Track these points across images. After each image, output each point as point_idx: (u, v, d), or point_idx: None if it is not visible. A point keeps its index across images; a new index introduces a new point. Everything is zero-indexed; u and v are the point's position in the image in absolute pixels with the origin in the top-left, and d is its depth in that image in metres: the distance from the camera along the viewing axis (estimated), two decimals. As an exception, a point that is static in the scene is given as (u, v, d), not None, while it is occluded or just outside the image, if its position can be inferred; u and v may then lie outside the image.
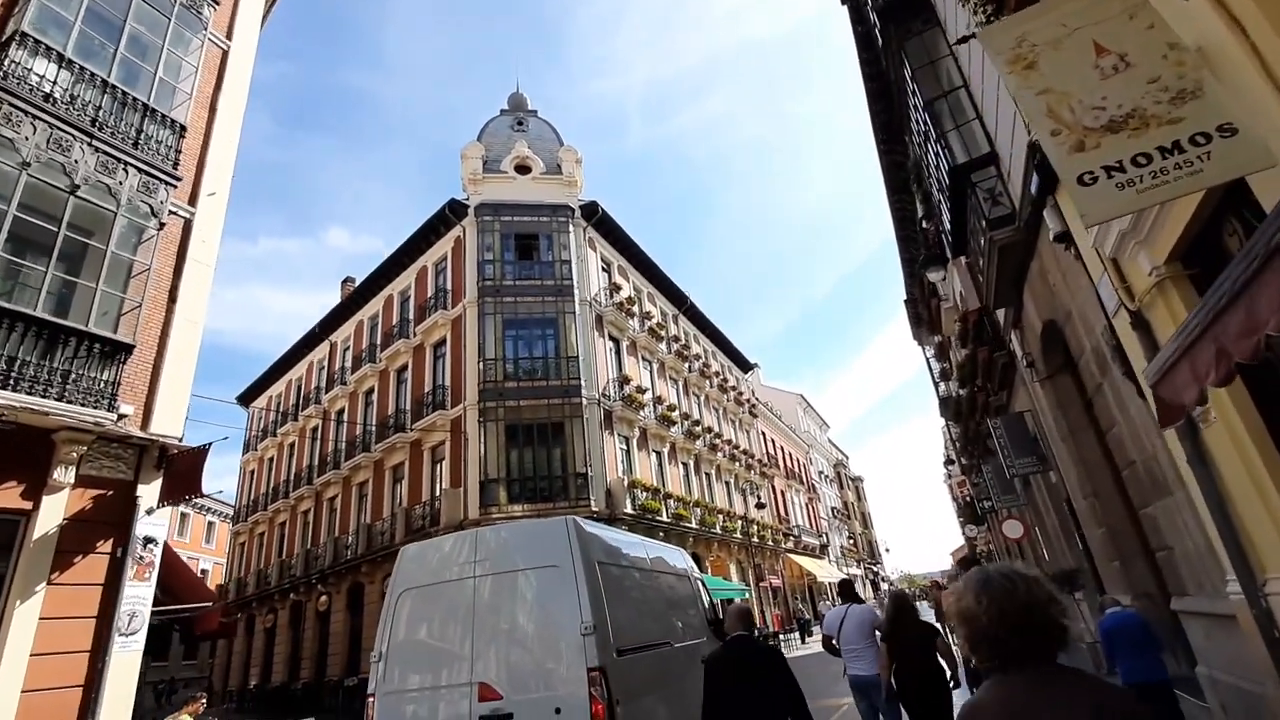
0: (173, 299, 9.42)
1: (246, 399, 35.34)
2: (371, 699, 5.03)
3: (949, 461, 36.28)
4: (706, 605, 8.33)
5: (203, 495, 8.74)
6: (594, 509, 18.63)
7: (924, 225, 13.43)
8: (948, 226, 9.80)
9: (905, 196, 19.61)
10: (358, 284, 27.28)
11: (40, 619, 7.18)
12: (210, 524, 45.65)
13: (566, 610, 4.72)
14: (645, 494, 21.20)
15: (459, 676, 4.76)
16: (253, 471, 33.49)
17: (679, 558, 8.48)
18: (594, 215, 23.49)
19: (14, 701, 6.78)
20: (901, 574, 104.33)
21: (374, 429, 23.61)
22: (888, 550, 72.10)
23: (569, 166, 23.96)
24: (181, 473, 8.38)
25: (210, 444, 8.52)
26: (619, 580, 5.65)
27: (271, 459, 31.52)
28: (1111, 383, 5.98)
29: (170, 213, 9.51)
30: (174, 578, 10.52)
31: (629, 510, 19.80)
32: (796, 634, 26.32)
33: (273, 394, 33.35)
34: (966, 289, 13.24)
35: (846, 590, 6.55)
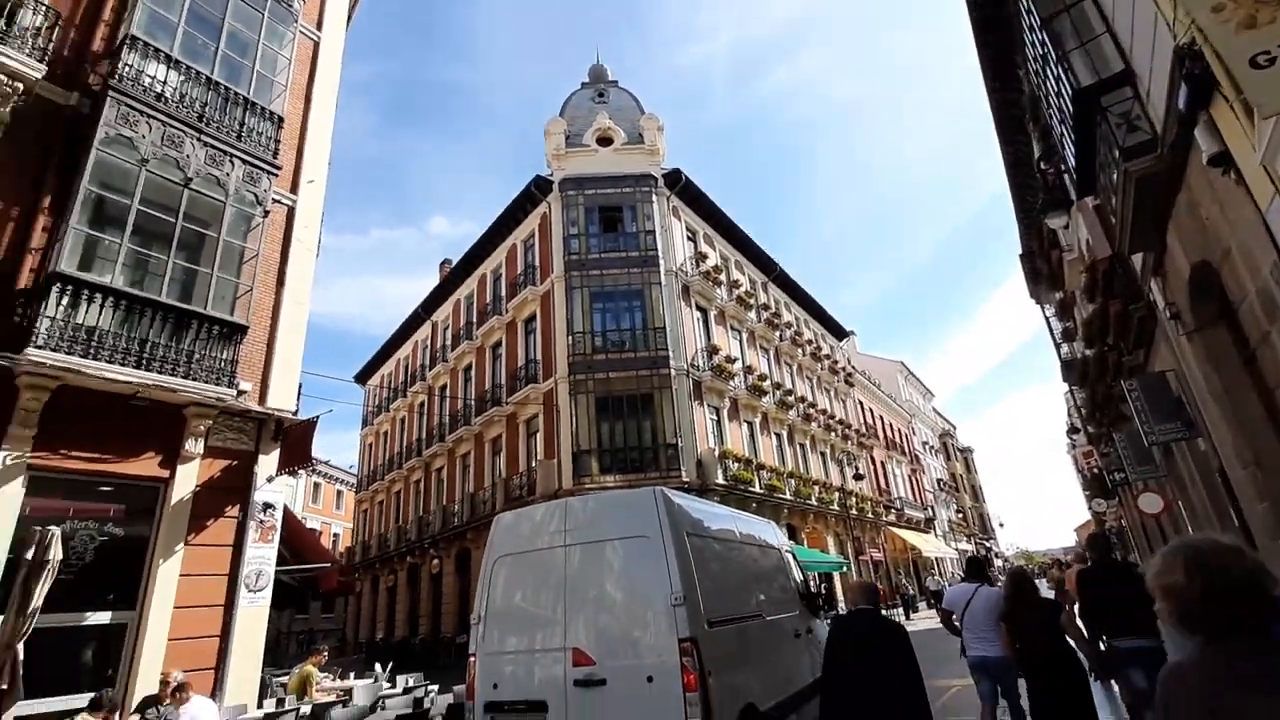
0: (280, 282, 10.05)
1: (363, 378, 38.02)
2: (473, 658, 5.20)
3: (1073, 430, 33.24)
4: (798, 579, 8.04)
5: (312, 464, 9.37)
6: (685, 480, 18.55)
7: (1042, 167, 12.03)
8: (1071, 163, 8.68)
9: (1019, 139, 17.77)
10: (453, 265, 28.36)
11: (180, 575, 7.98)
12: (339, 492, 49.89)
13: (656, 581, 4.70)
14: (737, 465, 20.88)
15: (553, 641, 4.85)
16: (371, 445, 36.13)
17: (769, 530, 8.28)
18: (677, 183, 23.01)
19: (162, 648, 7.59)
20: (1018, 550, 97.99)
21: (473, 403, 24.66)
22: (1001, 525, 67.79)
23: (650, 135, 23.54)
24: (294, 443, 8.99)
25: (318, 417, 9.08)
26: (707, 552, 5.56)
27: (386, 433, 33.83)
28: (1284, 331, 5.01)
29: (274, 200, 10.10)
30: (297, 540, 11.45)
31: (720, 481, 19.56)
32: (901, 610, 25.26)
33: (384, 372, 35.65)
34: (1094, 235, 11.81)
35: (975, 568, 6.24)
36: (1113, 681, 5.22)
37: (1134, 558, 25.19)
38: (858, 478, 28.25)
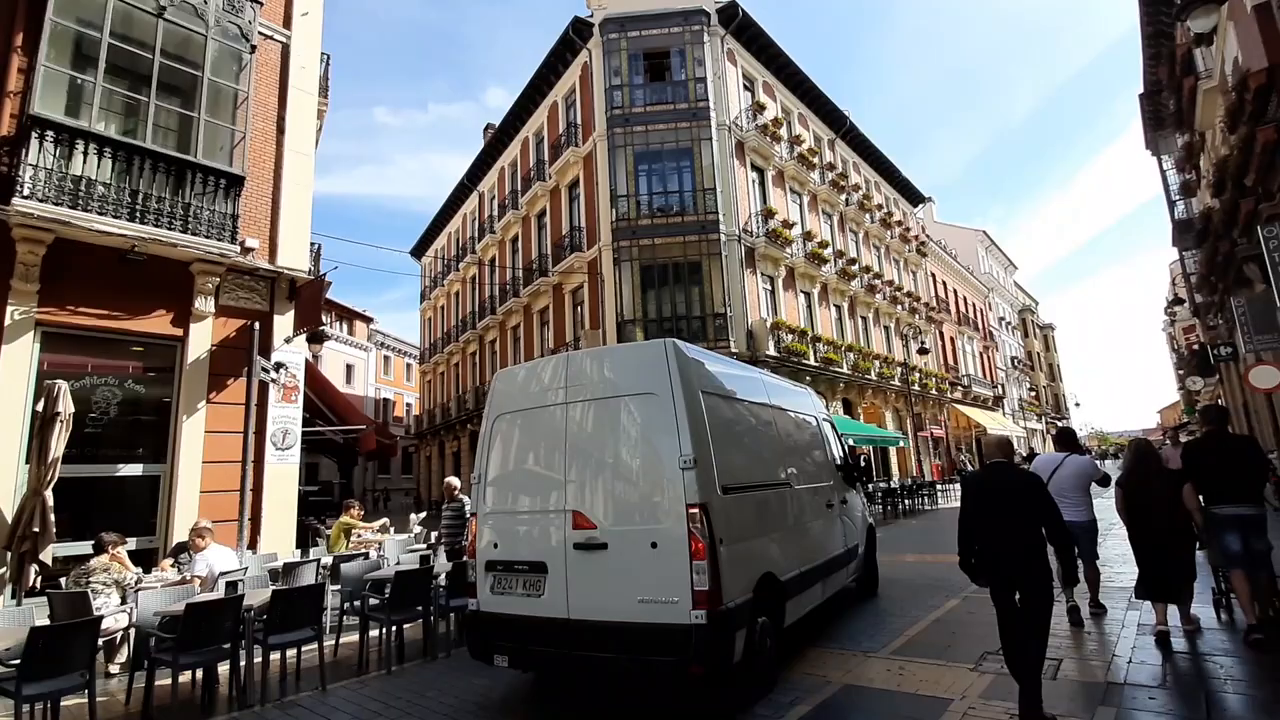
0: (281, 129, 9.28)
1: (418, 252, 38.11)
2: (473, 518, 5.06)
3: (1176, 302, 30.04)
4: (836, 450, 7.37)
5: (322, 326, 9.06)
6: (734, 350, 17.77)
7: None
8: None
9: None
10: (495, 130, 26.84)
11: (206, 432, 8.01)
12: (409, 365, 52.26)
13: (665, 441, 4.30)
14: (791, 336, 19.83)
15: (553, 503, 4.61)
16: (430, 318, 36.90)
17: (806, 398, 7.60)
18: (733, 20, 20.19)
19: (195, 499, 7.77)
20: (1092, 430, 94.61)
21: (520, 274, 24.16)
22: (1077, 405, 64.82)
23: (704, -39, 20.41)
24: (305, 303, 8.63)
25: (325, 275, 8.62)
26: (727, 413, 5.10)
27: (443, 307, 34.29)
28: None
29: (263, 35, 9.10)
30: (335, 403, 11.59)
31: (772, 353, 18.69)
32: (956, 485, 24.63)
33: (437, 246, 35.51)
34: (1248, 45, 9.42)
35: (1066, 437, 6.54)
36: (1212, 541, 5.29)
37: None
38: (922, 352, 26.70)
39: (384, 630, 5.74)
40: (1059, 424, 51.82)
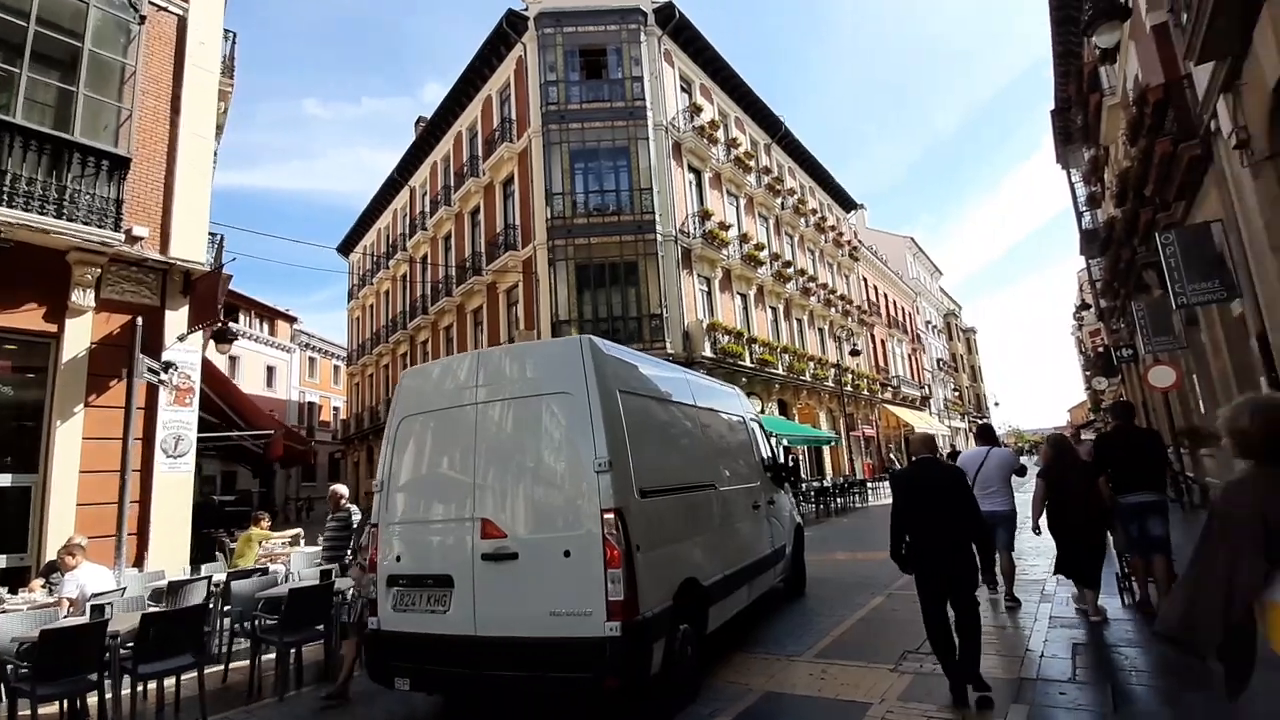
0: (176, 109, 8.52)
1: (345, 249, 36.49)
2: (373, 528, 4.69)
3: (1083, 307, 32.03)
4: (764, 450, 7.32)
5: (222, 322, 8.39)
6: (669, 351, 17.69)
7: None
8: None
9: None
10: (426, 122, 25.95)
11: (84, 439, 7.23)
12: (336, 367, 50.02)
13: (579, 444, 4.09)
14: (727, 338, 19.95)
15: (461, 511, 4.31)
16: (358, 318, 35.39)
17: (733, 398, 7.52)
18: (670, 20, 20.17)
19: (71, 513, 6.99)
20: (1010, 429, 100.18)
21: (453, 273, 23.42)
22: (996, 404, 68.50)
23: (641, -40, 20.31)
24: (201, 297, 7.94)
25: (222, 266, 7.94)
26: (648, 413, 4.92)
27: (371, 306, 32.93)
28: None
29: (156, 6, 8.35)
30: (242, 407, 10.78)
31: (708, 354, 18.73)
32: (886, 483, 25.33)
33: (366, 243, 34.10)
34: (1147, 63, 9.96)
35: (986, 433, 7.01)
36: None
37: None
38: (854, 354, 27.45)
39: (279, 653, 5.26)
40: (979, 422, 54.64)
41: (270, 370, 42.37)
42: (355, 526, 7.02)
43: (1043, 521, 5.83)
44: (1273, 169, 5.96)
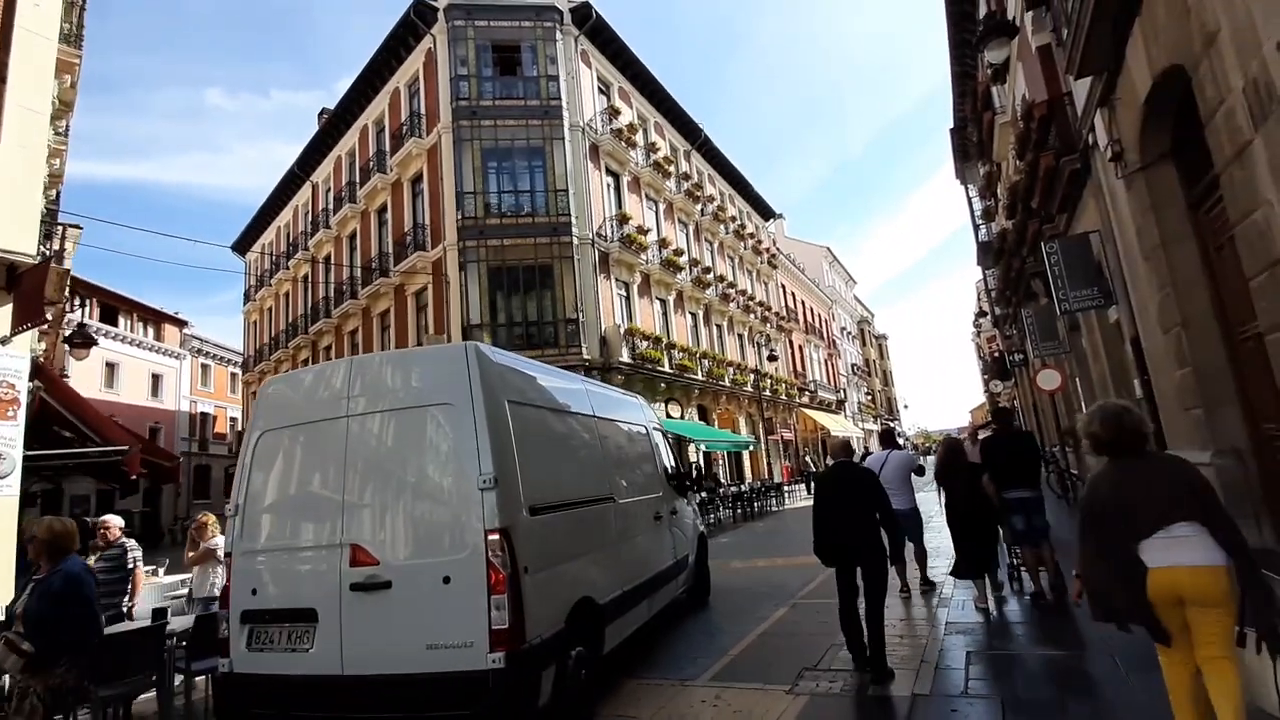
0: (1, 78, 7.36)
1: (242, 247, 33.93)
2: (227, 558, 4.22)
3: (980, 315, 34.06)
4: (667, 459, 7.13)
5: (45, 322, 7.31)
6: (585, 358, 17.28)
7: (989, -15, 10.29)
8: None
9: (965, -17, 15.89)
10: (330, 115, 24.45)
11: None
12: (234, 374, 46.48)
13: (463, 459, 3.77)
14: (645, 343, 19.74)
15: (328, 536, 3.89)
16: (255, 321, 32.96)
17: (635, 407, 7.27)
18: (586, 20, 19.85)
19: None
20: (919, 430, 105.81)
21: (359, 274, 22.09)
22: (906, 407, 72.10)
23: (557, -43, 19.90)
24: (27, 295, 6.85)
25: (52, 259, 6.89)
26: (541, 424, 4.67)
27: (270, 309, 30.73)
28: (1270, 138, 3.80)
29: (-30, -44, 7.19)
30: (87, 418, 9.52)
31: (625, 360, 18.45)
32: (802, 486, 25.91)
33: (264, 242, 31.82)
34: (1033, 81, 10.44)
35: (888, 437, 7.69)
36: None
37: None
38: (771, 359, 27.95)
39: (99, 710, 4.46)
40: (891, 426, 57.27)
41: (156, 378, 38.86)
42: (131, 567, 6.01)
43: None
44: (1144, 180, 6.22)
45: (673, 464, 7.33)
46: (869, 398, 56.88)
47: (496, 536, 3.55)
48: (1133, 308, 7.60)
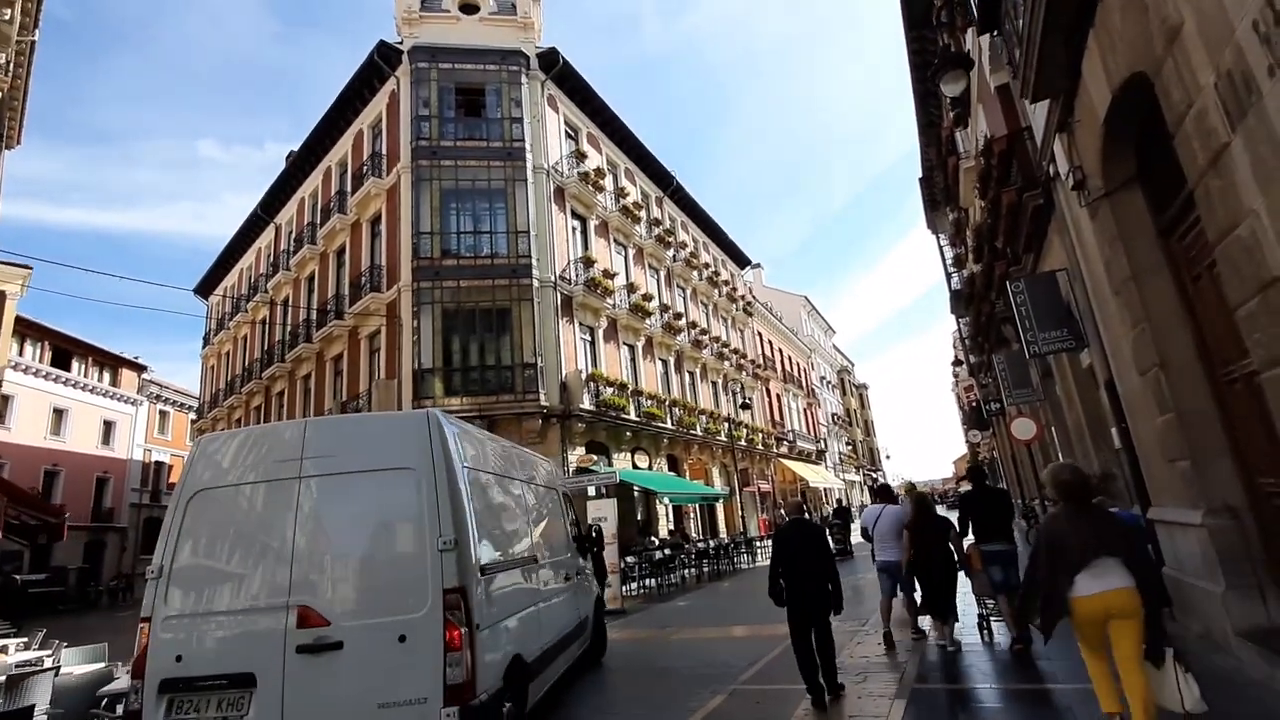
0: None
1: (205, 290, 33.03)
2: (144, 625, 3.87)
3: (956, 363, 33.80)
4: (572, 520, 7.22)
5: None
6: (544, 404, 16.41)
7: (941, 19, 10.10)
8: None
9: (926, 32, 15.96)
10: (293, 156, 24.04)
11: None
12: (193, 421, 44.77)
13: (421, 521, 3.92)
14: (610, 389, 18.92)
15: (270, 598, 3.83)
16: (213, 366, 31.82)
17: (549, 469, 7.54)
18: (554, 66, 19.78)
19: None
20: (902, 480, 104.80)
21: (314, 317, 21.23)
22: (888, 457, 71.34)
23: (524, 5, 19.99)
24: None
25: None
26: (486, 489, 4.86)
27: (228, 353, 29.65)
28: (1251, 136, 3.21)
29: None
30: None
31: (587, 407, 17.59)
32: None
33: (227, 284, 30.98)
34: (993, 118, 10.14)
35: (884, 492, 8.10)
36: (978, 574, 6.48)
37: (1002, 484, 25.82)
38: (744, 407, 27.20)
39: None
40: (875, 478, 56.39)
41: (108, 425, 37.14)
42: None
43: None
44: (1109, 208, 5.67)
45: (575, 525, 7.30)
46: (850, 448, 56.11)
47: (455, 595, 3.70)
48: (1105, 349, 6.98)
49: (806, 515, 5.96)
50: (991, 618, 6.71)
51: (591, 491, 15.56)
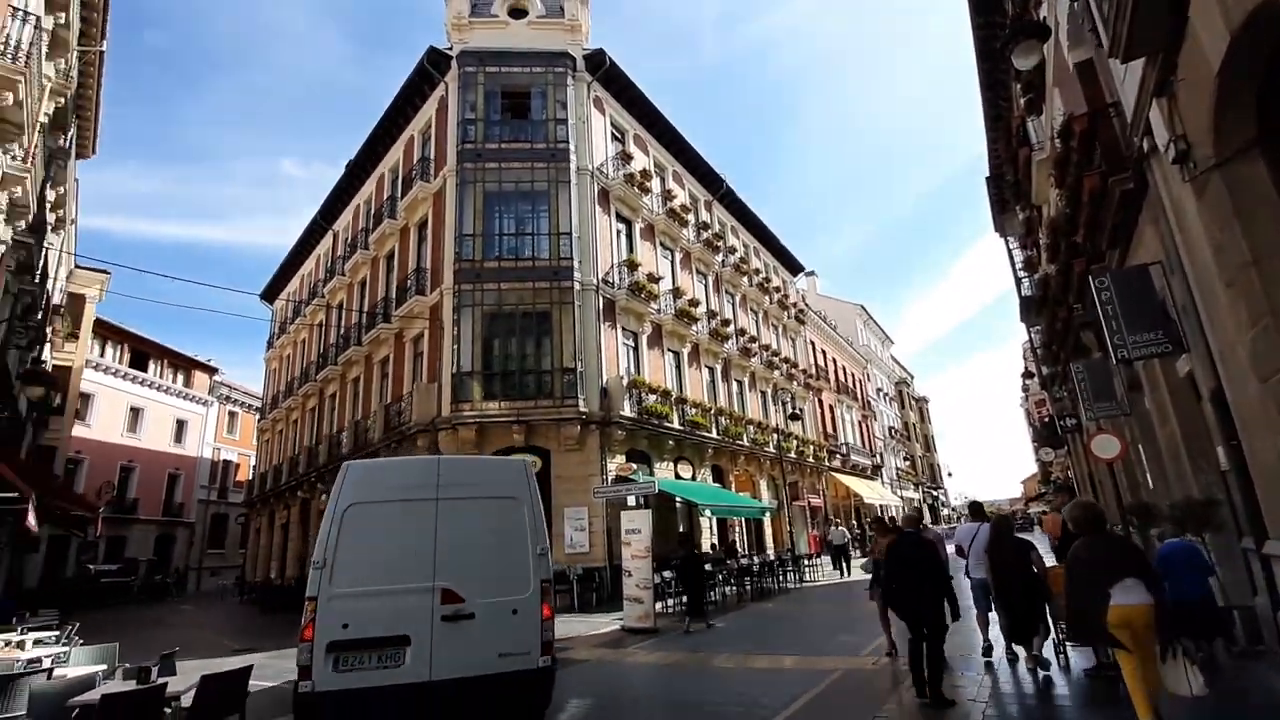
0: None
1: (270, 295, 34.32)
2: (310, 602, 4.91)
3: (1027, 375, 31.64)
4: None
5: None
6: (583, 410, 15.98)
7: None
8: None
9: (994, 18, 14.90)
10: (350, 164, 24.61)
11: None
12: (257, 422, 46.63)
13: (524, 534, 5.53)
14: (653, 396, 18.35)
15: (420, 581, 5.13)
16: (275, 369, 32.93)
17: None
18: (600, 67, 19.51)
19: None
20: (966, 499, 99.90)
21: (364, 320, 21.54)
22: (950, 475, 67.93)
23: (572, 7, 19.83)
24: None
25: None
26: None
27: (288, 356, 30.62)
28: None
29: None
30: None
31: (627, 414, 17.05)
32: (828, 559, 23.30)
33: (290, 290, 32.07)
34: (1073, 99, 9.15)
35: (977, 510, 8.25)
36: (1057, 596, 6.45)
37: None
38: (793, 418, 26.07)
39: None
40: (935, 496, 53.66)
41: (180, 424, 39.03)
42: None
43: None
44: (1221, 181, 4.75)
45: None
46: (909, 464, 53.60)
47: (547, 584, 5.45)
48: (1212, 353, 5.95)
49: (923, 529, 6.66)
50: (1069, 643, 6.80)
51: (631, 501, 15.01)
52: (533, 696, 5.14)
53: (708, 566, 14.16)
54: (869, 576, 8.53)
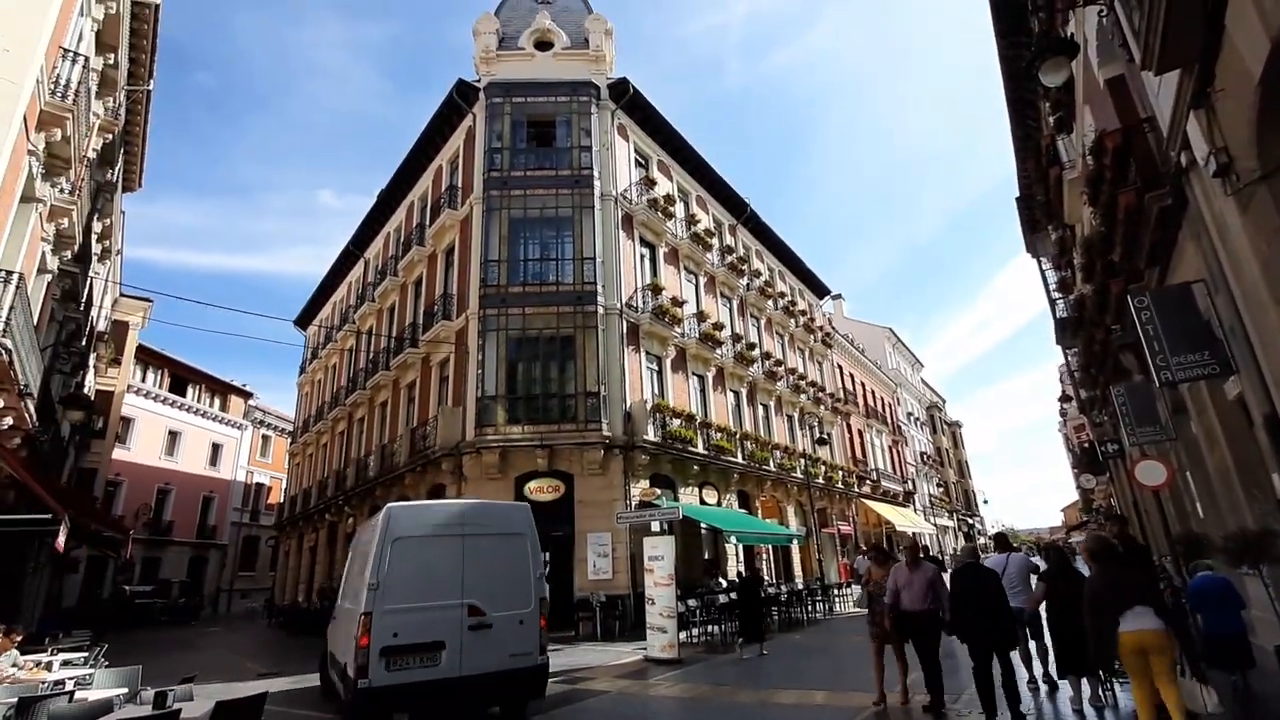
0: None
1: (303, 322, 35.16)
2: (365, 616, 6.13)
3: (1065, 399, 30.66)
4: None
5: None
6: (605, 434, 15.89)
7: (1039, 3, 9.03)
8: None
9: (1019, 38, 14.77)
10: (381, 194, 25.26)
11: None
12: (289, 445, 47.44)
13: (529, 562, 7.13)
14: (677, 421, 18.18)
15: (452, 599, 6.50)
16: (306, 393, 33.55)
17: None
18: (624, 95, 19.79)
19: None
20: (1003, 527, 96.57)
21: (392, 345, 21.87)
22: (985, 502, 65.85)
23: (596, 38, 20.25)
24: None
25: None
26: None
27: (320, 380, 31.19)
28: None
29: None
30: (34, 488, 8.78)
31: (651, 438, 16.90)
32: (858, 588, 22.52)
33: (322, 316, 32.82)
34: (1104, 116, 8.95)
35: (1003, 541, 8.36)
36: None
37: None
38: (820, 443, 25.59)
39: None
40: (972, 523, 51.98)
41: (216, 448, 39.90)
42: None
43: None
44: (1268, 193, 4.54)
45: None
46: (942, 490, 52.11)
47: (543, 601, 7.03)
48: (1265, 375, 5.65)
49: (981, 559, 6.73)
50: (1116, 679, 6.68)
51: (655, 527, 14.78)
52: (533, 685, 6.69)
53: (732, 595, 13.80)
54: (866, 611, 7.46)
